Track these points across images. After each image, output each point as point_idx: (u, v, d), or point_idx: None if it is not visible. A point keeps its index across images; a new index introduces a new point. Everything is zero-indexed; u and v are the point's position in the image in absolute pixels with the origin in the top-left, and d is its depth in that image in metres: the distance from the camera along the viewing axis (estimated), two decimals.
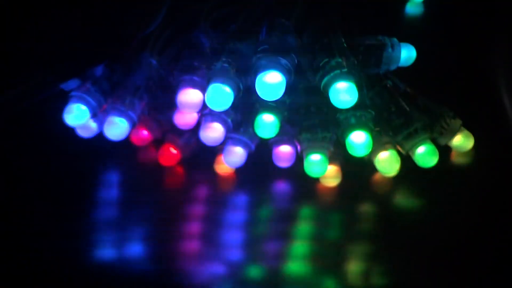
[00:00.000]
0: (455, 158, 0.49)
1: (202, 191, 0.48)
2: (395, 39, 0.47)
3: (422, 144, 0.45)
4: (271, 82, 0.40)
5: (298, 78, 0.43)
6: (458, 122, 0.47)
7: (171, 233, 0.44)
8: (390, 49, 0.46)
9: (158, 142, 0.49)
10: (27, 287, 0.41)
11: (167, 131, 0.48)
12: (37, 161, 0.49)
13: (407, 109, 0.46)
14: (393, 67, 0.47)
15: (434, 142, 0.46)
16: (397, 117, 0.46)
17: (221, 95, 0.41)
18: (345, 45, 0.43)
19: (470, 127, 0.48)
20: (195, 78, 0.43)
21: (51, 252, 0.42)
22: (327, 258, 0.42)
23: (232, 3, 0.48)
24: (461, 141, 0.48)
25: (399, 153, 0.46)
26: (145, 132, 0.49)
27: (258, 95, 0.40)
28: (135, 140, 0.49)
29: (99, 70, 0.47)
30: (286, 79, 0.40)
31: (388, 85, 0.47)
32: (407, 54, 0.47)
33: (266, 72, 0.40)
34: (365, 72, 0.46)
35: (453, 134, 0.47)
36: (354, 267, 0.42)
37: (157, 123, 0.48)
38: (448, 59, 0.55)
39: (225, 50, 0.43)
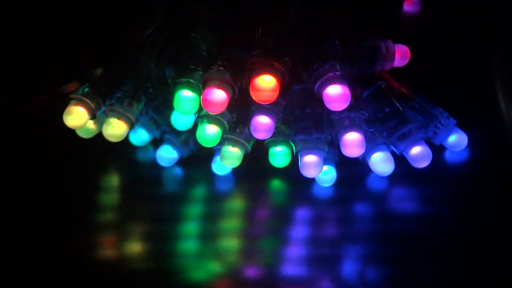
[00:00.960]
0: (450, 158, 0.49)
1: (199, 190, 0.49)
2: (389, 41, 0.47)
3: (416, 145, 0.46)
4: (265, 85, 0.40)
5: (293, 80, 0.44)
6: (452, 122, 0.48)
7: (169, 232, 0.45)
8: (384, 51, 0.46)
9: (156, 142, 0.50)
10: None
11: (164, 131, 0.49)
12: (38, 162, 0.50)
13: (401, 109, 0.47)
14: (387, 68, 0.47)
15: (428, 142, 0.47)
16: (391, 118, 0.46)
17: (216, 97, 0.42)
18: (339, 48, 0.43)
19: (464, 126, 0.48)
20: (192, 80, 0.44)
21: (50, 251, 0.43)
22: (322, 257, 0.43)
23: (228, 6, 0.49)
24: (455, 141, 0.48)
25: (393, 153, 0.46)
26: None
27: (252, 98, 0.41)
28: None
29: (98, 72, 0.48)
30: (280, 82, 0.40)
31: (382, 86, 0.48)
32: (401, 55, 0.48)
33: (260, 76, 0.40)
34: (360, 73, 0.47)
35: (447, 134, 0.48)
36: (349, 266, 0.43)
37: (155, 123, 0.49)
38: (443, 59, 0.55)
39: (221, 53, 0.44)
